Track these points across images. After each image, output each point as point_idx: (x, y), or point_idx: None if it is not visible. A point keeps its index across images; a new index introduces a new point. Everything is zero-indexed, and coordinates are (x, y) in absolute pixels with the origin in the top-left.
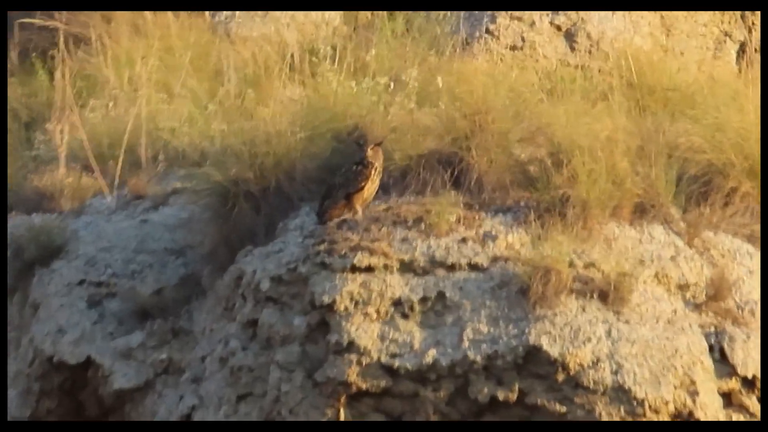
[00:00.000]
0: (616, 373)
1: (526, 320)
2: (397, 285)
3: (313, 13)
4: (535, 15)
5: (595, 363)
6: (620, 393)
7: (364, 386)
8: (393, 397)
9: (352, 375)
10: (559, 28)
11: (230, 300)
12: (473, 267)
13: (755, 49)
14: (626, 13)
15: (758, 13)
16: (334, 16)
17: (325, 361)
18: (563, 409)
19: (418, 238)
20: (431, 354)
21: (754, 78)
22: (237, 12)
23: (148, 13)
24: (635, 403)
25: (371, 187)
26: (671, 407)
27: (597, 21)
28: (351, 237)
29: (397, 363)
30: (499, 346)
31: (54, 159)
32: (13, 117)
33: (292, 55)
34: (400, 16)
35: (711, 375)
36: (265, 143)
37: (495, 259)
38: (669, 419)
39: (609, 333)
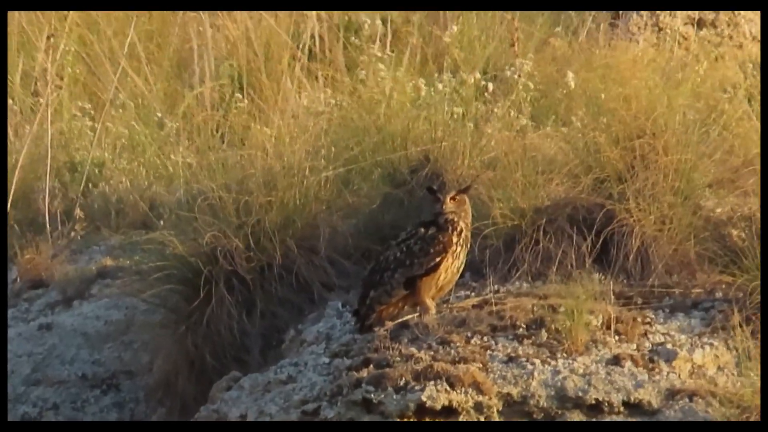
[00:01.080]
0: None
1: None
2: None
3: None
4: None
5: None
6: None
7: None
8: None
9: None
10: None
11: None
12: (635, 408)
13: None
14: None
15: None
16: None
17: None
18: None
19: (536, 357)
20: None
21: None
22: None
23: None
24: None
25: (452, 266)
26: None
27: None
28: (417, 354)
29: None
30: None
31: None
32: None
33: (313, 35)
34: None
35: None
36: (266, 188)
37: (673, 395)
38: None
39: None
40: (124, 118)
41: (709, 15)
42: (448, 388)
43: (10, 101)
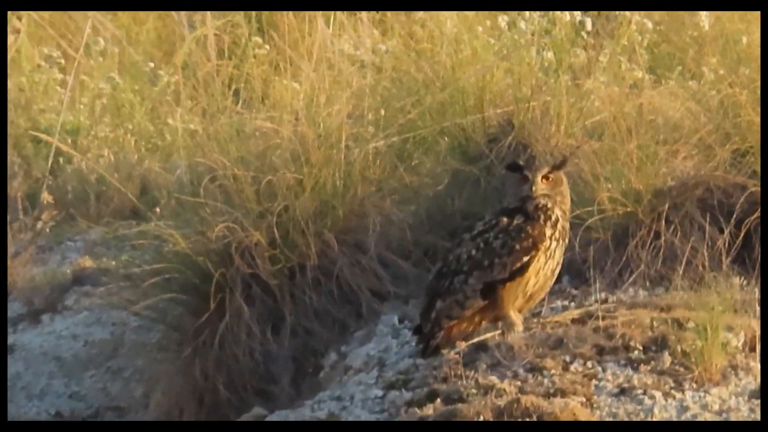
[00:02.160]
0: None
1: None
2: None
3: None
4: None
5: None
6: None
7: None
8: None
9: None
10: None
11: None
12: None
13: None
14: None
15: None
16: None
17: None
18: None
19: (657, 389)
20: None
21: None
22: None
23: None
24: None
25: (545, 267)
26: None
27: None
28: (499, 385)
29: None
30: None
31: None
32: None
33: None
34: None
35: None
36: (295, 164)
37: None
38: None
39: None
40: (104, 69)
41: None
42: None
43: None
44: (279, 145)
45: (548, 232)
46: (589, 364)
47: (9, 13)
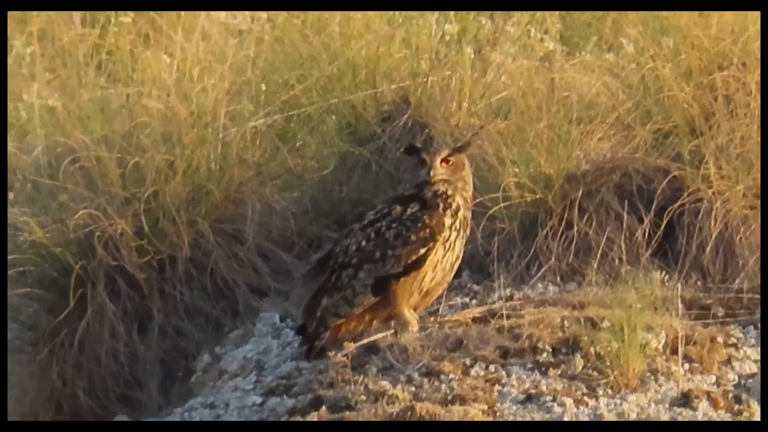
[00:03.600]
0: None
1: None
2: None
3: None
4: None
5: None
6: None
7: None
8: None
9: None
10: None
11: None
12: None
13: None
14: None
15: None
16: None
17: None
18: None
19: (567, 395)
20: None
21: None
22: None
23: None
24: None
25: (444, 260)
26: None
27: None
28: (391, 391)
29: None
30: None
31: None
32: None
33: None
34: None
35: None
36: (166, 144)
37: None
38: None
39: None
40: None
41: None
42: None
43: None
44: (147, 124)
45: (447, 221)
46: (491, 367)
47: None
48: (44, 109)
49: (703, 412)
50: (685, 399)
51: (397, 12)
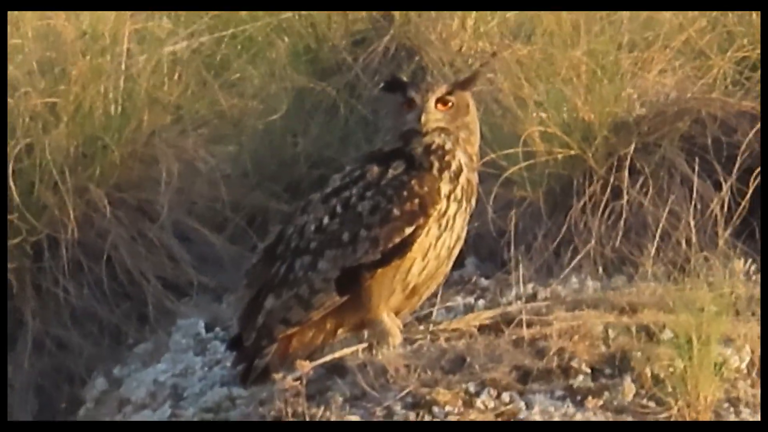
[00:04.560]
0: None
1: None
2: None
3: None
4: None
5: None
6: None
7: None
8: None
9: None
10: None
11: None
12: None
13: None
14: None
15: None
16: None
17: None
18: None
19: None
20: None
21: None
22: None
23: None
24: None
25: (440, 242)
26: None
27: None
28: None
29: None
30: None
31: None
32: None
33: None
34: None
35: None
36: (45, 77)
37: None
38: None
39: None
40: None
41: None
42: None
43: None
44: (19, 48)
45: (445, 188)
46: (505, 396)
47: None
48: None
49: None
50: None
51: None
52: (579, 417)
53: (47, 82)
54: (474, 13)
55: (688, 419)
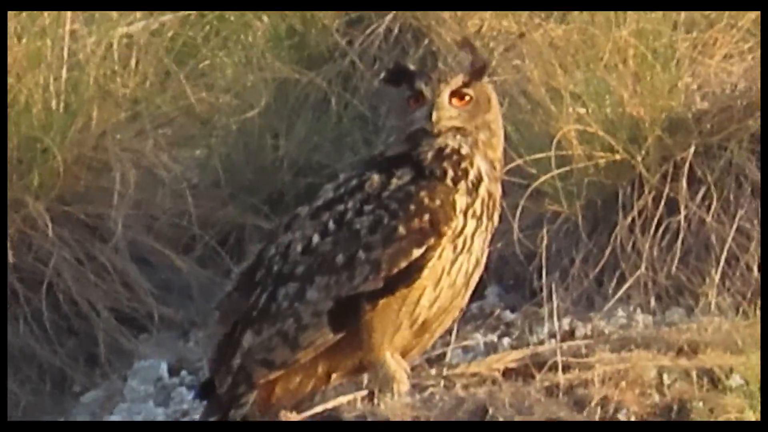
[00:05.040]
0: None
1: None
2: None
3: None
4: None
5: None
6: None
7: None
8: None
9: None
10: None
11: None
12: None
13: None
14: None
15: None
16: None
17: None
18: None
19: None
20: None
21: None
22: None
23: None
24: None
25: (455, 268)
26: None
27: None
28: None
29: None
30: None
31: None
32: None
33: None
34: None
35: None
36: None
37: None
38: None
39: None
40: None
41: None
42: None
43: None
44: None
45: (461, 201)
46: None
47: None
48: None
49: None
50: None
51: None
52: None
53: None
54: None
55: None
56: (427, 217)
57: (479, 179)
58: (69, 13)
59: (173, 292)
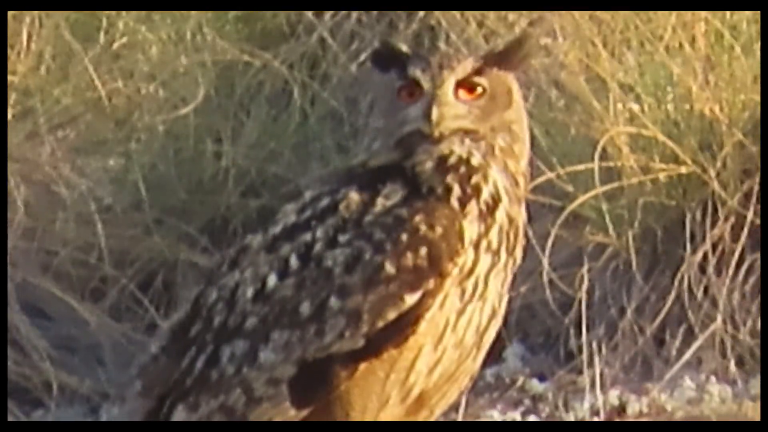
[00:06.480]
0: None
1: None
2: None
3: None
4: None
5: None
6: None
7: None
8: None
9: None
10: None
11: None
12: None
13: None
14: None
15: None
16: None
17: None
18: None
19: None
20: None
21: None
22: None
23: None
24: None
25: (462, 321)
26: None
27: None
28: None
29: None
30: None
31: None
32: None
33: None
34: None
35: None
36: None
37: None
38: None
39: None
40: None
41: None
42: None
43: None
44: None
45: (471, 229)
46: None
47: None
48: None
49: None
50: None
51: None
52: None
53: None
54: None
55: None
56: (424, 250)
57: (496, 200)
58: None
59: (77, 353)
